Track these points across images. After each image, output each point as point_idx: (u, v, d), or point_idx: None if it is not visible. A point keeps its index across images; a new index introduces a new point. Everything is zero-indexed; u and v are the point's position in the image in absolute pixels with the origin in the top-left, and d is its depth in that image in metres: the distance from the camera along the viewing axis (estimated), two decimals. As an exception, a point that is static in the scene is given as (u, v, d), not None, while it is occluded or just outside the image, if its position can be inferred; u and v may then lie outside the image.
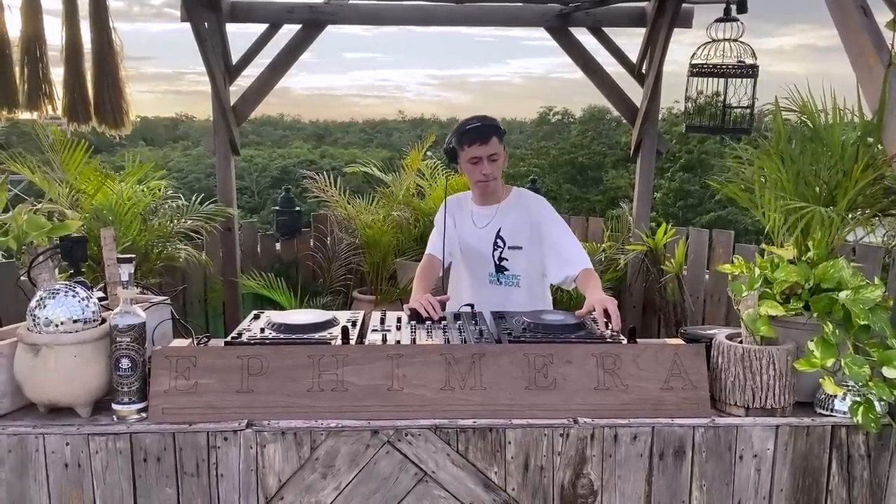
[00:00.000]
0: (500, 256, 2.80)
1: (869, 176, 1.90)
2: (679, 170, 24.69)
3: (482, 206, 2.84)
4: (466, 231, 2.84)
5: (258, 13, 4.57)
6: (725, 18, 3.82)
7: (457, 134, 2.74)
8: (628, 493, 1.89)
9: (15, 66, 2.77)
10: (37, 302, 1.80)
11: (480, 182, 2.73)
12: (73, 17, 2.97)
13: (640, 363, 1.92)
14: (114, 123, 3.07)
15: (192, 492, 1.82)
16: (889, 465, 1.90)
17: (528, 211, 2.80)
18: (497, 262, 2.80)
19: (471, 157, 2.70)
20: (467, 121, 2.75)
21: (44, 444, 1.78)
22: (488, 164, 2.69)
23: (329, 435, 1.82)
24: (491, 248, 2.79)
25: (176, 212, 4.11)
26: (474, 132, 2.68)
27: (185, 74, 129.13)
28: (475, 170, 2.72)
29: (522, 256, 2.78)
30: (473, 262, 2.84)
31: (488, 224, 2.80)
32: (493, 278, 2.81)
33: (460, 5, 4.57)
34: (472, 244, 2.83)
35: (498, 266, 2.80)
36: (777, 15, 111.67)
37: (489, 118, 2.76)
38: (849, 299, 1.81)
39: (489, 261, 2.80)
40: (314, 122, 53.40)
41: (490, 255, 2.80)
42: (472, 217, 2.85)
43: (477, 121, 2.73)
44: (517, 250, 2.78)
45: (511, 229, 2.78)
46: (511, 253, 2.78)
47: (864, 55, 1.92)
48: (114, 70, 2.99)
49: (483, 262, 2.81)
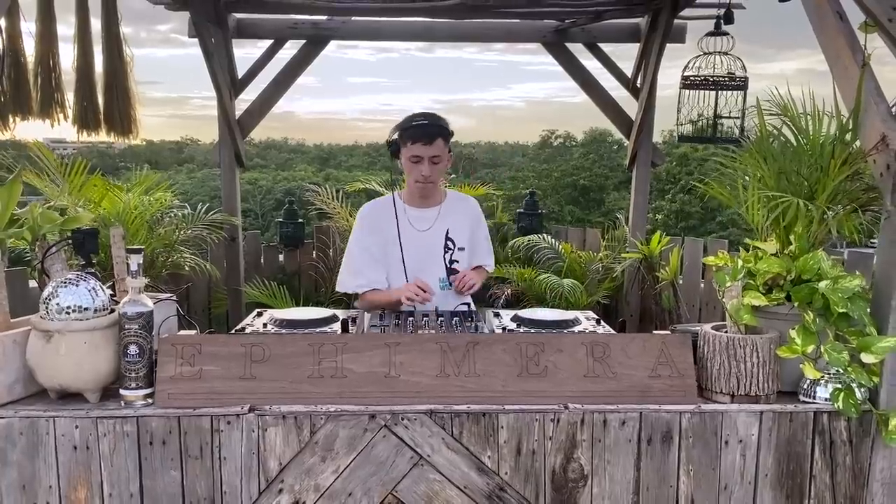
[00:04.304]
0: (451, 259, 2.70)
1: (846, 171, 1.98)
2: (679, 191, 24.82)
3: (421, 209, 2.71)
4: (407, 237, 2.66)
5: (263, 29, 4.72)
6: (716, 32, 3.93)
7: (401, 129, 2.62)
8: (618, 477, 1.94)
9: (29, 74, 2.88)
10: (49, 291, 1.88)
11: (418, 183, 2.63)
12: (85, 29, 3.09)
13: (629, 352, 1.99)
14: (122, 132, 3.17)
15: (195, 474, 1.88)
16: (871, 450, 1.96)
17: (468, 211, 2.77)
18: (448, 264, 2.71)
19: (412, 156, 2.59)
20: (414, 116, 2.62)
21: (54, 427, 1.85)
22: (428, 166, 2.58)
23: (328, 419, 1.89)
24: (442, 251, 2.69)
25: (181, 221, 4.21)
26: (419, 130, 2.56)
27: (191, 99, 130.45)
28: (414, 169, 2.61)
29: (468, 257, 2.72)
30: (418, 271, 2.66)
31: (432, 227, 2.69)
32: (444, 283, 2.71)
33: (459, 21, 4.70)
34: (417, 249, 2.67)
35: (448, 269, 2.71)
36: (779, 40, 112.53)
37: (438, 117, 2.64)
38: (828, 288, 1.88)
39: (439, 264, 2.70)
40: (318, 145, 53.87)
41: (441, 258, 2.69)
42: (410, 220, 2.69)
43: (424, 118, 2.61)
44: (462, 252, 2.72)
45: (456, 230, 2.70)
46: (460, 254, 2.71)
47: (840, 57, 2.01)
48: (123, 80, 3.10)
49: (432, 267, 2.69)
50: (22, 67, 2.81)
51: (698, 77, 3.94)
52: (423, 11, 4.47)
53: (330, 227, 5.11)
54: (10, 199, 1.93)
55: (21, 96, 2.79)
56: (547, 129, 37.69)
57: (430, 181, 2.63)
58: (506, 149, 54.48)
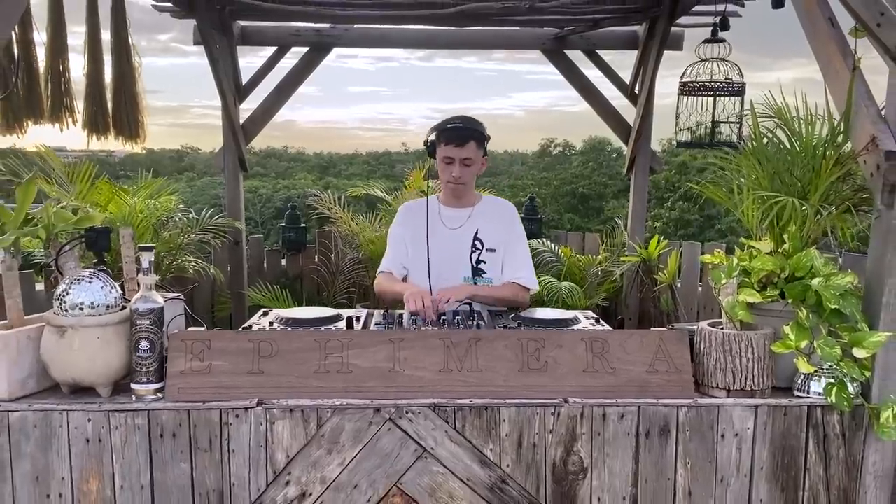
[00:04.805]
0: (478, 259, 2.77)
1: (838, 171, 2.04)
2: (678, 199, 24.88)
3: (454, 209, 2.80)
4: (437, 234, 2.75)
5: (267, 36, 4.80)
6: (713, 39, 4.00)
7: (437, 130, 2.72)
8: (616, 470, 1.99)
9: (40, 80, 2.94)
10: (63, 288, 1.93)
11: (449, 183, 2.73)
12: (95, 37, 3.16)
13: (627, 348, 2.04)
14: (130, 136, 3.24)
15: (204, 466, 1.93)
16: (863, 443, 2.01)
17: (503, 216, 2.82)
18: (475, 264, 2.77)
19: (445, 157, 2.68)
20: (451, 119, 2.72)
21: (67, 420, 1.89)
22: (459, 168, 2.68)
23: (334, 413, 1.94)
24: (469, 250, 2.76)
25: (186, 225, 4.26)
26: (453, 132, 2.67)
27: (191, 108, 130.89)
28: (447, 169, 2.70)
29: (497, 259, 2.77)
30: (446, 267, 2.73)
31: (462, 226, 2.77)
32: (469, 282, 2.75)
33: (460, 29, 4.77)
34: (446, 247, 2.75)
35: (475, 269, 2.77)
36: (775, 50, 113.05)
37: (473, 120, 2.73)
38: (820, 285, 1.94)
39: (465, 264, 2.76)
40: (318, 154, 53.90)
41: (468, 258, 2.76)
42: (442, 219, 2.79)
43: (459, 121, 2.70)
44: (492, 253, 2.77)
45: (487, 232, 2.76)
46: (488, 255, 2.77)
47: (831, 62, 2.07)
48: (131, 85, 3.17)
49: (458, 265, 2.76)
50: (34, 73, 2.88)
51: (696, 83, 4.01)
52: (424, 19, 4.55)
53: (332, 231, 5.17)
54: (25, 199, 1.99)
55: (33, 101, 2.86)
56: (546, 138, 37.78)
57: (460, 182, 2.72)
58: (505, 157, 54.55)
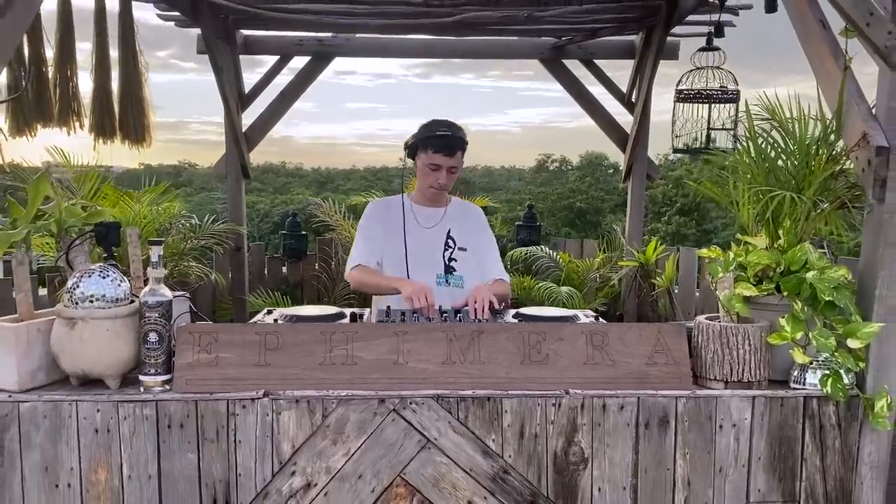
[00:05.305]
0: (450, 257, 2.83)
1: (831, 167, 2.09)
2: (675, 213, 25.00)
3: (428, 208, 2.85)
4: (412, 232, 2.79)
5: (269, 46, 4.88)
6: (708, 48, 4.07)
7: (423, 135, 2.74)
8: (617, 460, 2.02)
9: (49, 85, 3.00)
10: (73, 282, 1.97)
11: (432, 188, 2.78)
12: (103, 44, 3.22)
13: (626, 341, 2.08)
14: (136, 139, 3.29)
15: (211, 456, 1.96)
16: (858, 434, 2.05)
17: (470, 216, 2.90)
18: (447, 262, 2.82)
19: (431, 164, 2.72)
20: (437, 124, 2.74)
21: (76, 411, 1.92)
22: (445, 175, 2.73)
23: (339, 403, 1.97)
24: (442, 248, 2.82)
25: (188, 231, 4.31)
26: (443, 141, 2.70)
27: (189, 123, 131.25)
28: (432, 175, 2.74)
29: (468, 258, 2.83)
30: (419, 265, 2.78)
31: (437, 225, 2.83)
32: (442, 279, 2.80)
33: (459, 39, 4.85)
34: (421, 245, 2.79)
35: (447, 266, 2.82)
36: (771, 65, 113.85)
37: (458, 128, 2.77)
38: (815, 278, 1.99)
39: (438, 261, 2.81)
40: (316, 169, 54.05)
41: (440, 256, 2.81)
42: (417, 218, 2.83)
43: (447, 128, 2.73)
44: (463, 252, 2.83)
45: (460, 231, 2.84)
46: (459, 254, 2.83)
47: (823, 63, 2.13)
48: (138, 89, 3.22)
49: (431, 262, 2.80)
50: (43, 78, 2.93)
51: (691, 91, 4.08)
52: (424, 29, 4.63)
53: (333, 238, 5.22)
54: (37, 195, 2.03)
55: (42, 105, 2.91)
56: (543, 154, 38.03)
57: (443, 188, 2.79)
58: (502, 172, 54.75)
